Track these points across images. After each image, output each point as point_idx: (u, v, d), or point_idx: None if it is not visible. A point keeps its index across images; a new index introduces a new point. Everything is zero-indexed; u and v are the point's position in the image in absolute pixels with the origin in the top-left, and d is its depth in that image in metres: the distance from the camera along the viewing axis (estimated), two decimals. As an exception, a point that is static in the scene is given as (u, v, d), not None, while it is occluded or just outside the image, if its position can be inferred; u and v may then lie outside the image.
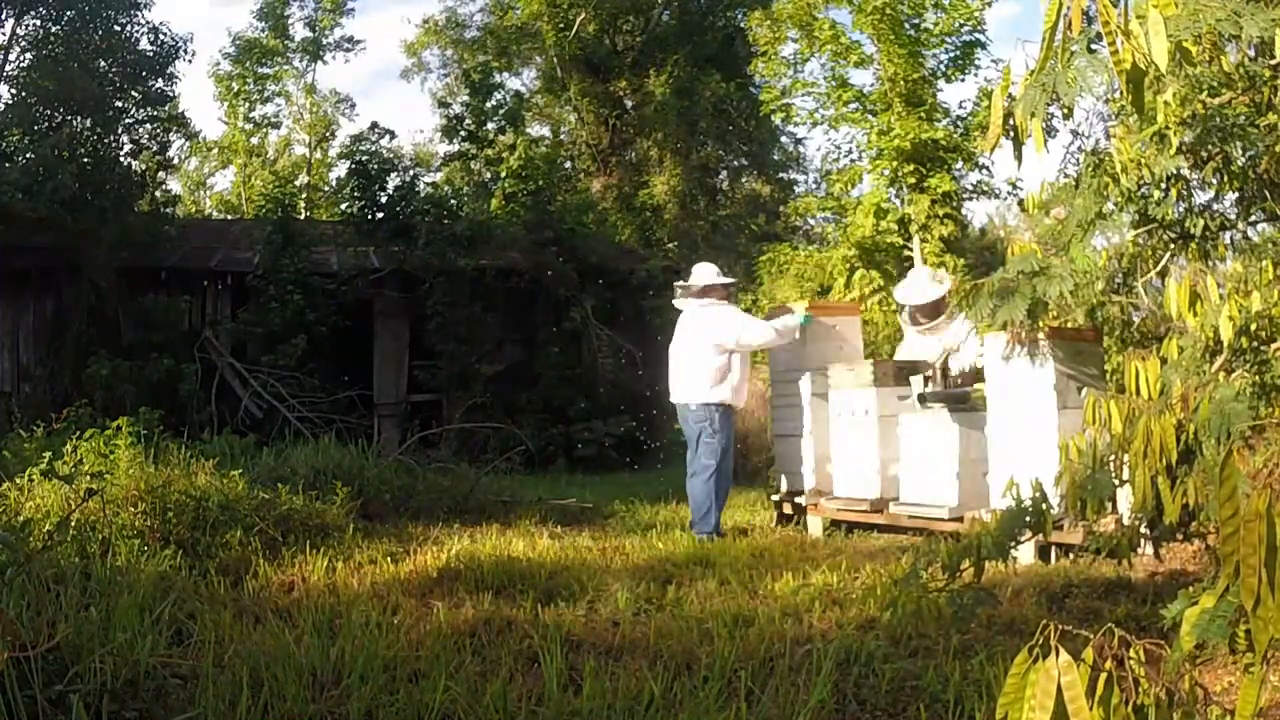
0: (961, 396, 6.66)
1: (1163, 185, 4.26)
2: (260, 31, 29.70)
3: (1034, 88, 2.33)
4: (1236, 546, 1.33)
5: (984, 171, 15.02)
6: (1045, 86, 2.27)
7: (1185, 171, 4.22)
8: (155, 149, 15.91)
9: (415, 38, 28.99)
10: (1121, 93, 1.95)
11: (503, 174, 16.62)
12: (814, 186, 25.82)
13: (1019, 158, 2.55)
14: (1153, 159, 4.00)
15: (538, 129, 26.57)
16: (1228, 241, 4.67)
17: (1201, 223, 4.42)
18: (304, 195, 26.84)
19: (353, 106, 34.84)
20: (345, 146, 20.56)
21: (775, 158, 27.56)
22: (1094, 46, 2.21)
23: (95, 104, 14.22)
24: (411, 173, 16.91)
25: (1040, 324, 5.36)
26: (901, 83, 14.15)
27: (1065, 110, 2.35)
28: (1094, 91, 2.28)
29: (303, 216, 21.16)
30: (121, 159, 15.03)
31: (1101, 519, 4.00)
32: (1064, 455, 3.94)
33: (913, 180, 14.06)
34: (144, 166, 15.57)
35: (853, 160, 15.72)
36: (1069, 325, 5.77)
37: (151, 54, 15.28)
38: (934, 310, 7.19)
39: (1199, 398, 3.33)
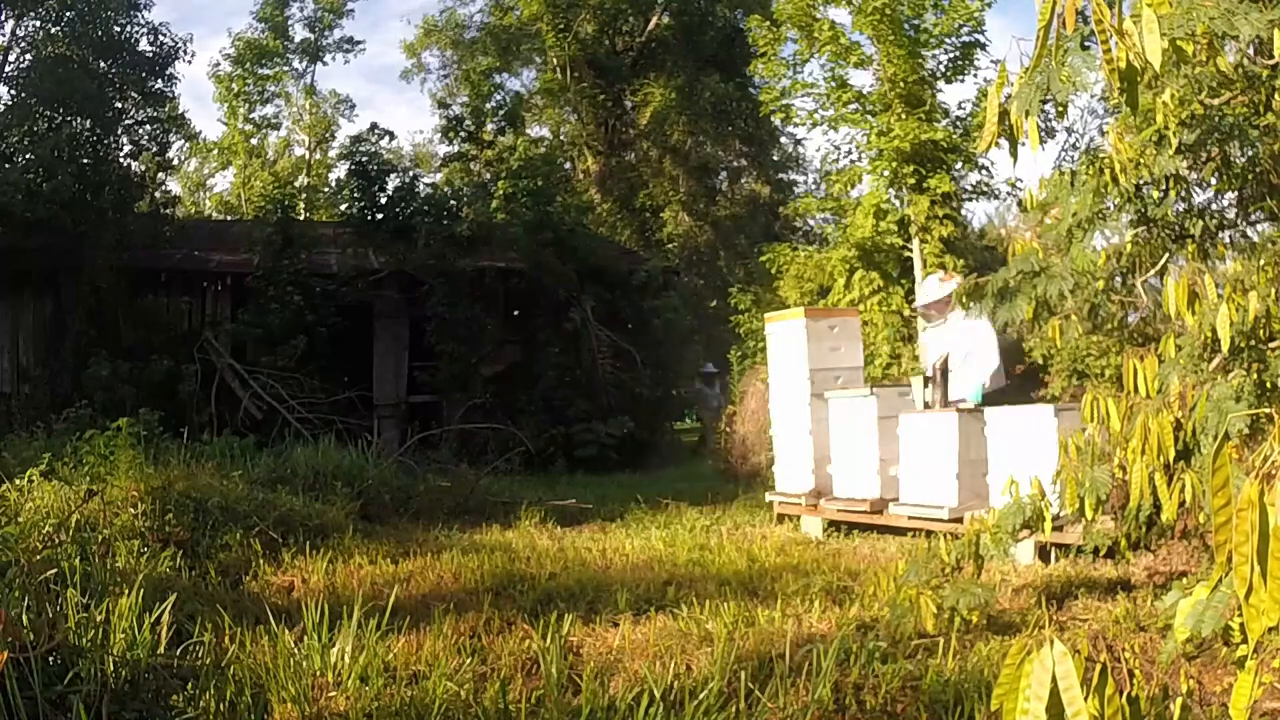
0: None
1: (1162, 185, 4.26)
2: (260, 33, 29.72)
3: (1029, 85, 2.33)
4: (1229, 535, 1.32)
5: (984, 172, 14.97)
6: (1039, 84, 2.27)
7: (1184, 172, 4.21)
8: (155, 150, 15.89)
9: (415, 38, 29.03)
10: (1115, 90, 1.94)
11: (502, 174, 16.60)
12: (814, 187, 25.82)
13: (1014, 155, 2.55)
14: (1152, 159, 4.00)
15: (537, 130, 26.59)
16: (1226, 241, 4.67)
17: (1200, 222, 4.42)
18: (304, 196, 26.84)
19: (352, 108, 34.90)
20: (345, 147, 20.56)
21: (775, 158, 27.57)
22: (1088, 44, 2.20)
23: (95, 105, 14.20)
24: (411, 173, 16.90)
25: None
26: (901, 83, 14.12)
27: (1059, 108, 2.34)
28: (1087, 88, 2.28)
29: (302, 217, 21.15)
30: (121, 160, 15.01)
31: (1099, 517, 3.99)
32: (1063, 453, 3.94)
33: (912, 181, 14.02)
34: (143, 167, 15.56)
35: (852, 161, 15.68)
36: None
37: (151, 54, 15.27)
38: (943, 306, 7.65)
39: (1196, 396, 3.33)
